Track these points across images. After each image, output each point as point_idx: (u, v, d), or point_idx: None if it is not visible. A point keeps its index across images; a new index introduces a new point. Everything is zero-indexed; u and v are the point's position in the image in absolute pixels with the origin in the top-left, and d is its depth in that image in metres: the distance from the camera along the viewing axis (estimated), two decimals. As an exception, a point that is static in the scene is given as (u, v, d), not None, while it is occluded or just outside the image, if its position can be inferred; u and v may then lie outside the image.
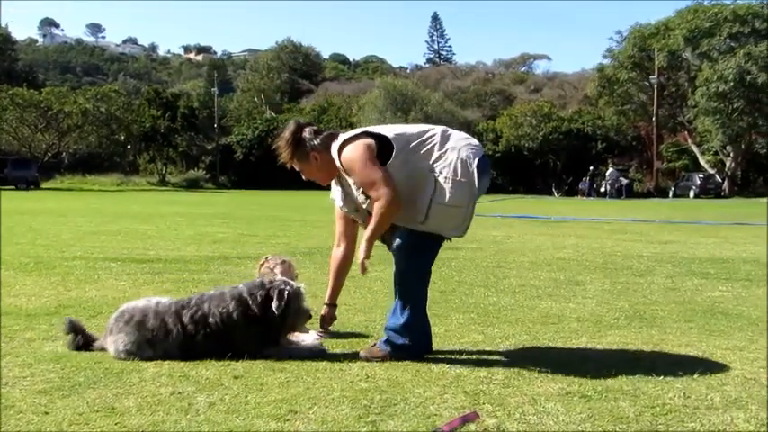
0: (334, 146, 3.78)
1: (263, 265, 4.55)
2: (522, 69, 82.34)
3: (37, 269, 7.08)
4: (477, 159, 3.72)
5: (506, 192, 45.16)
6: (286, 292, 3.71)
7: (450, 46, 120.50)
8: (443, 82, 68.02)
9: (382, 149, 3.69)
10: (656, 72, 47.50)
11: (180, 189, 49.77)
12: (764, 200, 37.80)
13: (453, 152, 3.71)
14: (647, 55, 49.35)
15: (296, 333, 3.94)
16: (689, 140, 50.16)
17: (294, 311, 3.73)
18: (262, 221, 15.49)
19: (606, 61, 54.07)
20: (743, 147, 46.74)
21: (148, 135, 56.04)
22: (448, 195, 3.63)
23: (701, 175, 45.53)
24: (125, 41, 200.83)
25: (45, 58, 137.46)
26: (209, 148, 59.42)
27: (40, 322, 4.52)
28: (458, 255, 8.76)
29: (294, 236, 11.78)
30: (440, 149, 3.71)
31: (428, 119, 52.73)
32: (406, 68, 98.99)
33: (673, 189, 46.27)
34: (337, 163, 3.77)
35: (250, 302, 3.69)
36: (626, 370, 3.49)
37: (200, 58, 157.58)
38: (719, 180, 46.33)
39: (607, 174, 43.35)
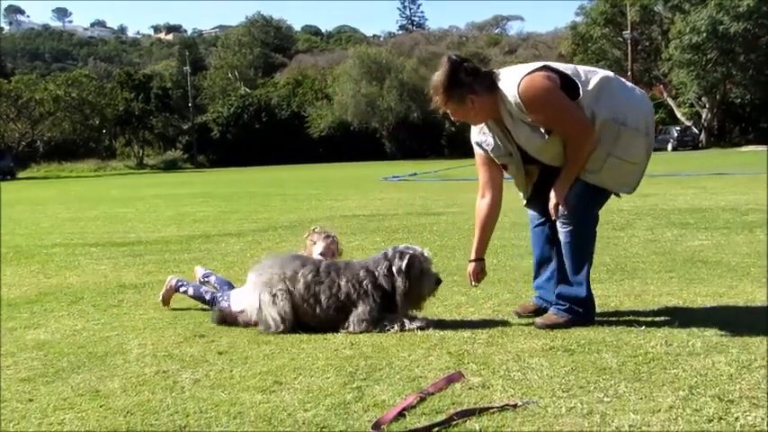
0: (511, 81, 3.38)
1: (308, 237, 4.40)
2: (496, 31, 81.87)
3: (16, 258, 7.01)
4: (653, 114, 3.52)
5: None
6: (407, 254, 3.56)
7: (422, 12, 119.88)
8: (417, 48, 67.44)
9: (563, 87, 3.36)
10: (629, 27, 47.45)
11: (158, 171, 49.43)
12: (742, 149, 38.11)
13: (634, 102, 3.44)
14: (619, 10, 49.27)
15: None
16: (665, 94, 50.35)
17: (416, 275, 3.55)
18: (242, 198, 15.41)
19: (579, 19, 54.06)
20: (718, 97, 47.00)
21: (123, 118, 55.46)
22: (627, 149, 3.38)
23: (678, 128, 45.86)
24: (93, 24, 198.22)
25: (12, 45, 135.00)
26: (186, 127, 58.98)
27: (21, 311, 4.48)
28: (439, 219, 8.76)
29: (276, 210, 11.73)
30: (621, 97, 3.41)
31: (403, 86, 52.49)
32: (380, 36, 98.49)
33: (651, 143, 46.48)
34: (510, 99, 3.36)
35: (377, 274, 3.58)
36: (608, 322, 3.53)
37: (170, 37, 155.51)
38: (696, 132, 46.66)
39: None
